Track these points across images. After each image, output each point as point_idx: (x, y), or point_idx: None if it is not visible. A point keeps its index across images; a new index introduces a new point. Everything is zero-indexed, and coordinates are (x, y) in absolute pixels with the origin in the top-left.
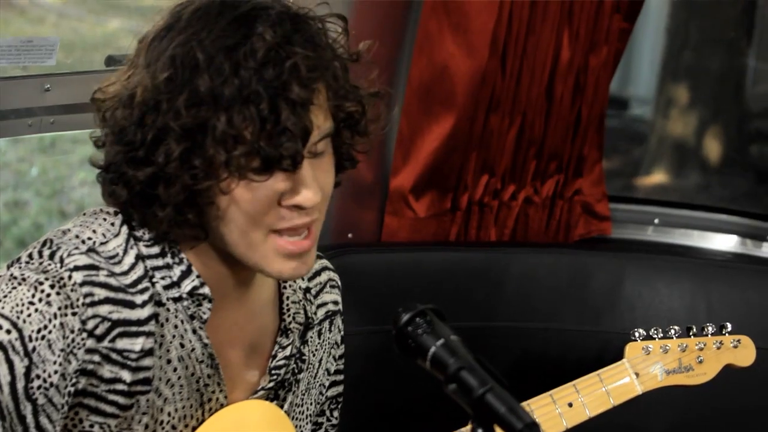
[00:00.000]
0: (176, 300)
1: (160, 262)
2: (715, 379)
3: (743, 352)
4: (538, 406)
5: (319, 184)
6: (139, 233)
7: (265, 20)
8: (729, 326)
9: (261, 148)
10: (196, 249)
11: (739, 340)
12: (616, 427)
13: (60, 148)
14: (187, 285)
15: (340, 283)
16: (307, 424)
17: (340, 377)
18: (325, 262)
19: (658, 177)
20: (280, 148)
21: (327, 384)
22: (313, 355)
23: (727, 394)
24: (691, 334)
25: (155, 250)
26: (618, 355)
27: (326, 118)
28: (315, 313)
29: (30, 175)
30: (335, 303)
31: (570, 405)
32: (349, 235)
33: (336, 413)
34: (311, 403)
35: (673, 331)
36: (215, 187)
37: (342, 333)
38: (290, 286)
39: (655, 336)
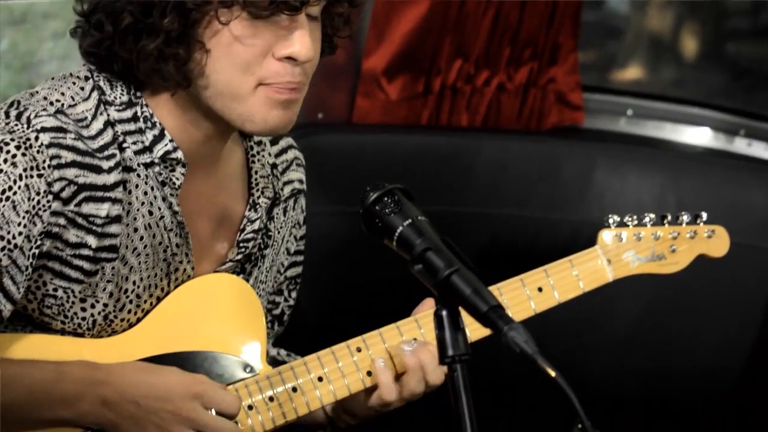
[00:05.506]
0: (147, 165)
1: (132, 126)
2: (682, 272)
3: (717, 243)
4: (507, 290)
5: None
6: (110, 98)
7: None
8: (704, 216)
9: None
10: (171, 109)
11: (713, 231)
12: (582, 321)
13: (31, 23)
14: (159, 149)
15: (304, 162)
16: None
17: (300, 258)
18: (290, 140)
19: (633, 72)
20: None
21: (286, 264)
22: (278, 232)
23: (694, 287)
24: (665, 222)
25: (127, 114)
26: (586, 245)
27: None
28: (282, 190)
29: None
30: (300, 182)
31: (540, 290)
32: (320, 115)
33: (294, 294)
34: (272, 281)
35: (647, 219)
36: (213, 15)
37: (304, 213)
38: (258, 160)
39: (629, 223)
